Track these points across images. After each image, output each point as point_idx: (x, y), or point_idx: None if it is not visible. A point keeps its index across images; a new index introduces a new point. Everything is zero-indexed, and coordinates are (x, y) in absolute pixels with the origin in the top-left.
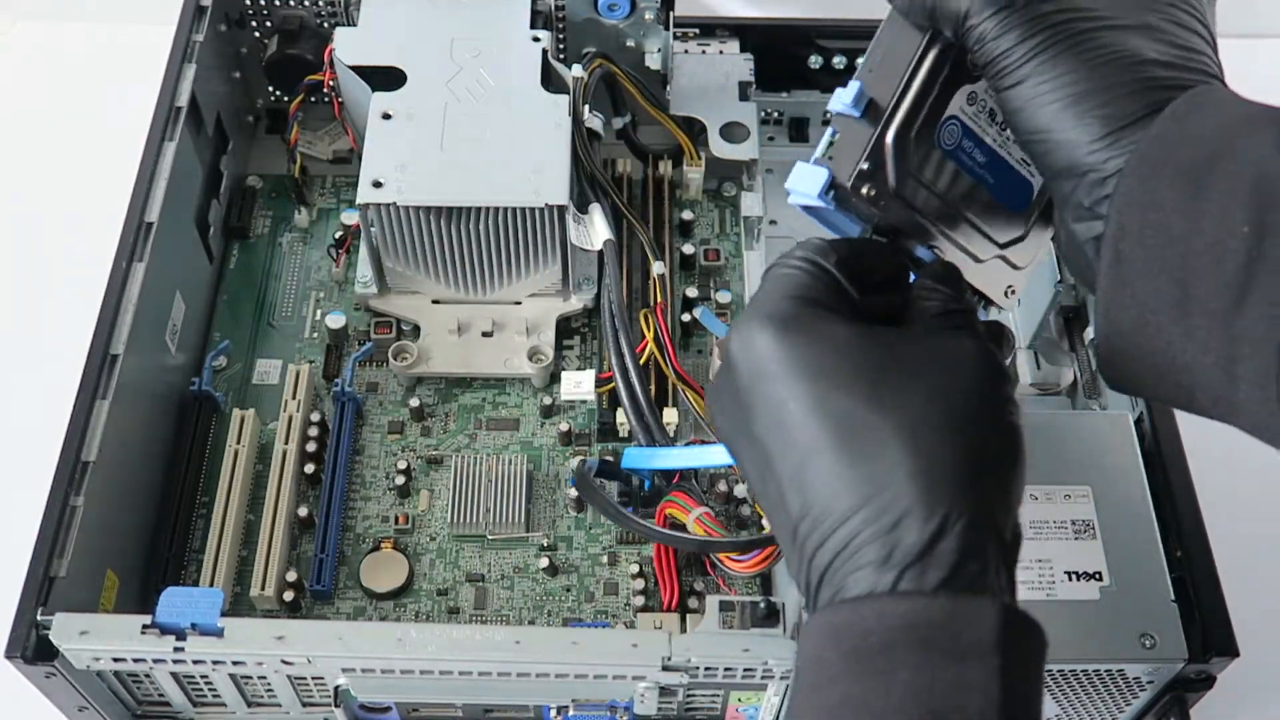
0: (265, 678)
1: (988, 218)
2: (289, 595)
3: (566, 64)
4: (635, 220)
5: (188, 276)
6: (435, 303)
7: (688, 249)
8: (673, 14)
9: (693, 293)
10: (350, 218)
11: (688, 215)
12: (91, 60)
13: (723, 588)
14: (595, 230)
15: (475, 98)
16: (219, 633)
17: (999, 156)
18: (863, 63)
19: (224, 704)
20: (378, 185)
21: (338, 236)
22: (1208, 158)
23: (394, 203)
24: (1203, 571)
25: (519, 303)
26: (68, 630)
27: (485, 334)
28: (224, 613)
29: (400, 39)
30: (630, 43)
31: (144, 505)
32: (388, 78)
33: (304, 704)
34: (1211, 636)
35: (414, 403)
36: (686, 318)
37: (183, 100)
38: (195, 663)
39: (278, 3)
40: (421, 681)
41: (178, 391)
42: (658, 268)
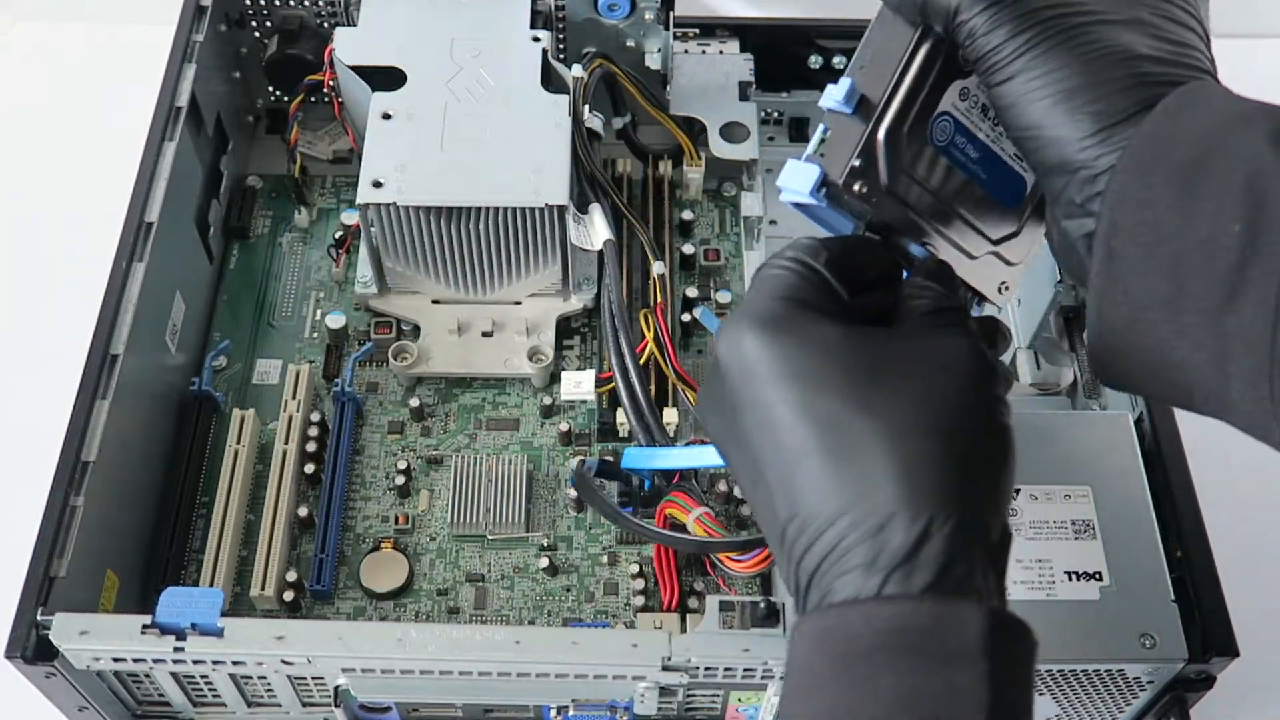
0: (265, 678)
1: (981, 214)
2: (289, 595)
3: (566, 64)
4: (635, 220)
5: (188, 276)
6: (435, 303)
7: (688, 249)
8: (673, 14)
9: (693, 293)
10: (350, 218)
11: (688, 215)
12: (91, 60)
13: (723, 588)
14: (595, 230)
15: (475, 98)
16: (219, 633)
17: (992, 152)
18: (854, 59)
19: (224, 704)
20: (378, 185)
21: (338, 236)
22: (1200, 155)
23: (394, 203)
24: (1203, 571)
25: (519, 303)
26: (68, 630)
27: (485, 334)
28: (224, 613)
29: (400, 39)
30: (630, 43)
31: (144, 505)
32: (388, 78)
33: (304, 704)
34: (1211, 636)
35: (414, 403)
36: (686, 318)
37: (183, 100)
38: (195, 663)
39: (278, 3)
40: (421, 681)
41: (178, 391)
42: (658, 268)
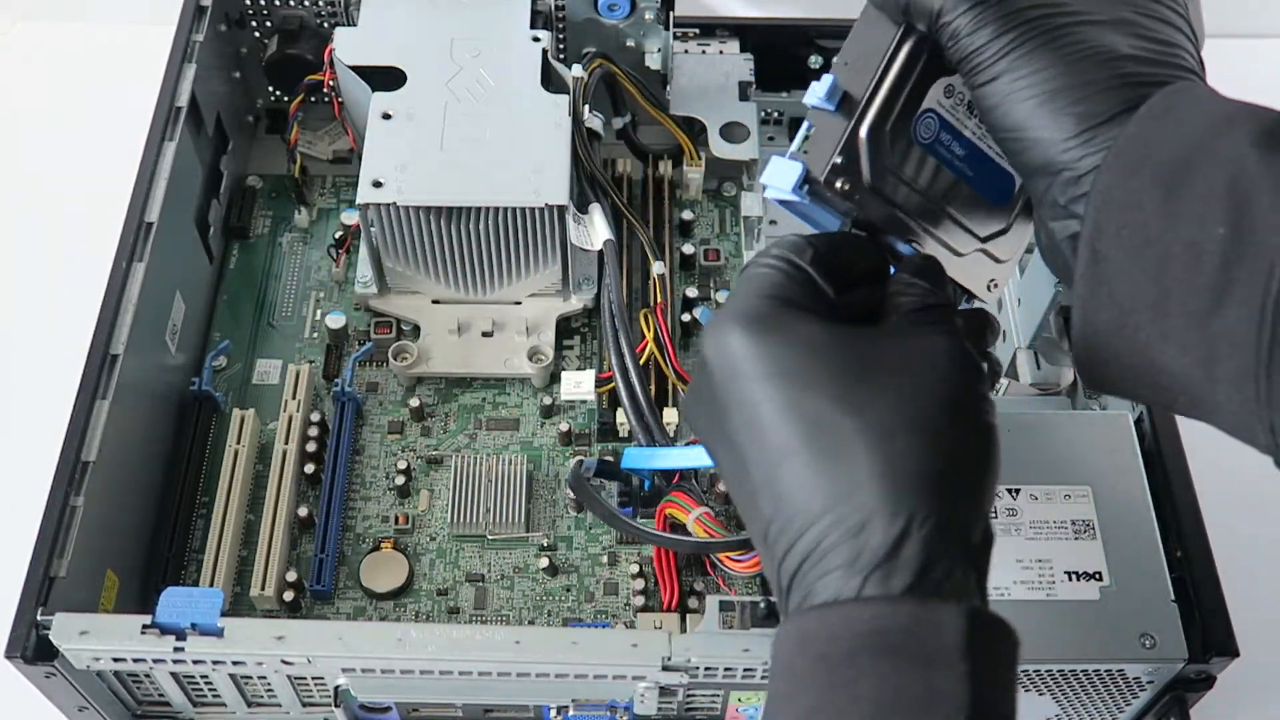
0: (265, 678)
1: (969, 211)
2: (289, 595)
3: (566, 64)
4: (635, 220)
5: (188, 276)
6: (435, 303)
7: (688, 249)
8: (673, 14)
9: (693, 293)
10: (350, 218)
11: (688, 215)
12: (91, 60)
13: (723, 588)
14: (595, 230)
15: (475, 98)
16: (219, 633)
17: (978, 149)
18: (838, 56)
19: (224, 704)
20: (378, 185)
21: (338, 236)
22: (1184, 157)
23: (394, 203)
24: (1203, 571)
25: (519, 303)
26: (68, 630)
27: (485, 334)
28: (224, 613)
29: (400, 39)
30: (630, 43)
31: (144, 505)
32: (388, 78)
33: (304, 704)
34: (1211, 636)
35: (414, 403)
36: (686, 318)
37: (183, 100)
38: (195, 663)
39: (278, 3)
40: (421, 681)
41: (178, 391)
42: (658, 268)
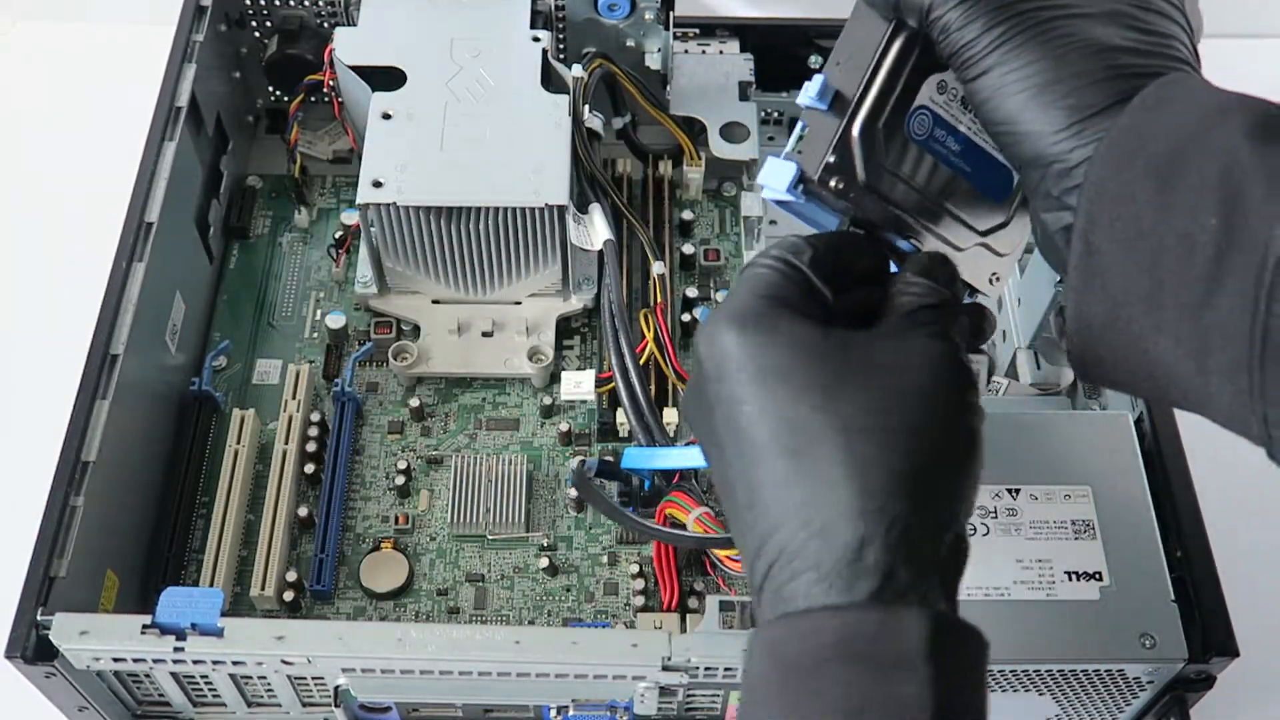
0: (265, 678)
1: (967, 206)
2: (289, 595)
3: (566, 64)
4: (635, 220)
5: (188, 276)
6: (435, 303)
7: (688, 249)
8: (673, 14)
9: (693, 293)
10: (350, 218)
11: (688, 215)
12: (91, 60)
13: (723, 588)
14: (595, 230)
15: (475, 98)
16: (219, 633)
17: (974, 144)
18: (830, 56)
19: (224, 704)
20: (378, 185)
21: (338, 236)
22: (1177, 149)
23: (394, 203)
24: (1203, 571)
25: (519, 303)
26: (68, 630)
27: (485, 334)
28: (224, 613)
29: (400, 39)
30: (630, 43)
31: (144, 505)
32: (388, 78)
33: (304, 704)
34: (1211, 636)
35: (414, 403)
36: (686, 318)
37: (183, 100)
38: (195, 663)
39: (278, 3)
40: (421, 681)
41: (178, 391)
42: (658, 268)
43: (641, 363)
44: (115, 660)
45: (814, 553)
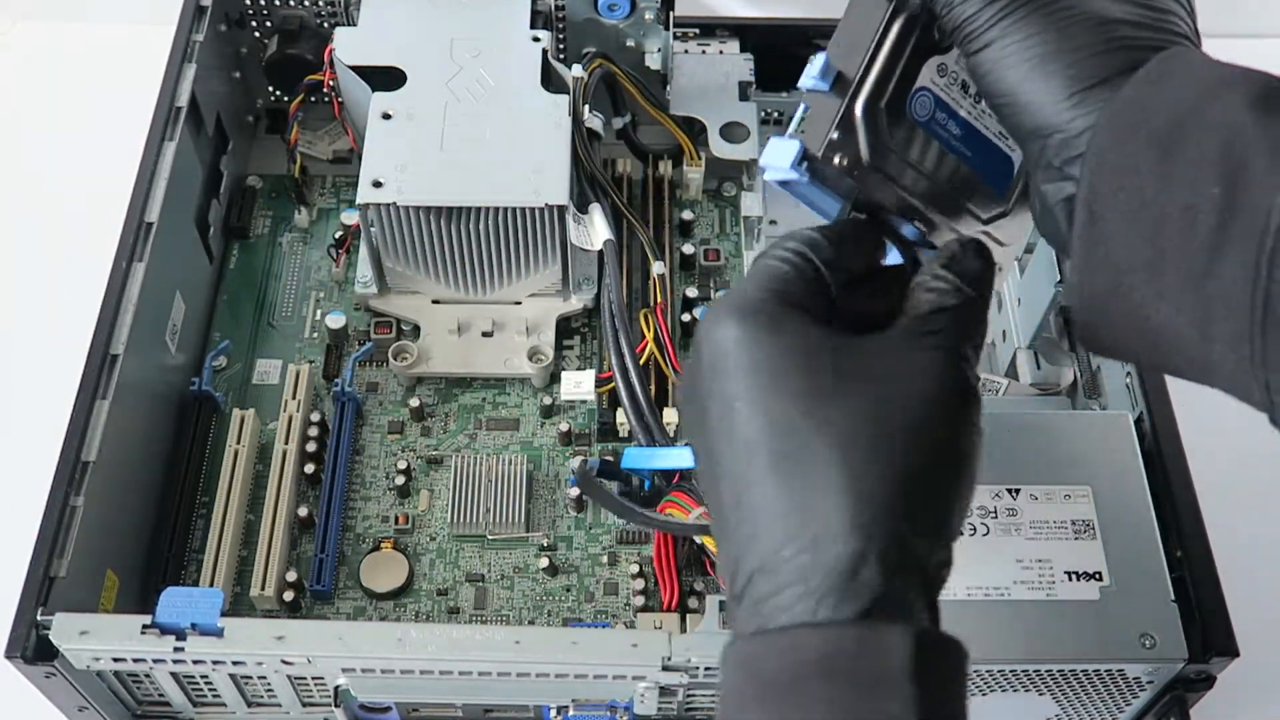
0: (265, 678)
1: (969, 193)
2: (289, 595)
3: (566, 64)
4: (635, 220)
5: (188, 276)
6: (435, 303)
7: (688, 249)
8: (673, 14)
9: (693, 293)
10: (350, 218)
11: (688, 215)
12: (91, 60)
13: (723, 587)
14: (595, 230)
15: (475, 98)
16: (219, 633)
17: (975, 130)
18: (832, 39)
19: (224, 704)
20: (378, 185)
21: (338, 236)
22: (1179, 120)
23: (394, 203)
24: (1203, 571)
25: (519, 303)
26: (68, 630)
27: (485, 334)
28: (224, 613)
29: (400, 39)
30: (630, 43)
31: (144, 505)
32: (388, 78)
33: (304, 704)
34: (1211, 636)
35: (414, 403)
36: (686, 318)
37: (183, 100)
38: (195, 663)
39: (278, 3)
40: (421, 681)
41: (178, 391)
42: (658, 268)
43: (641, 363)
44: (115, 660)
45: (801, 567)
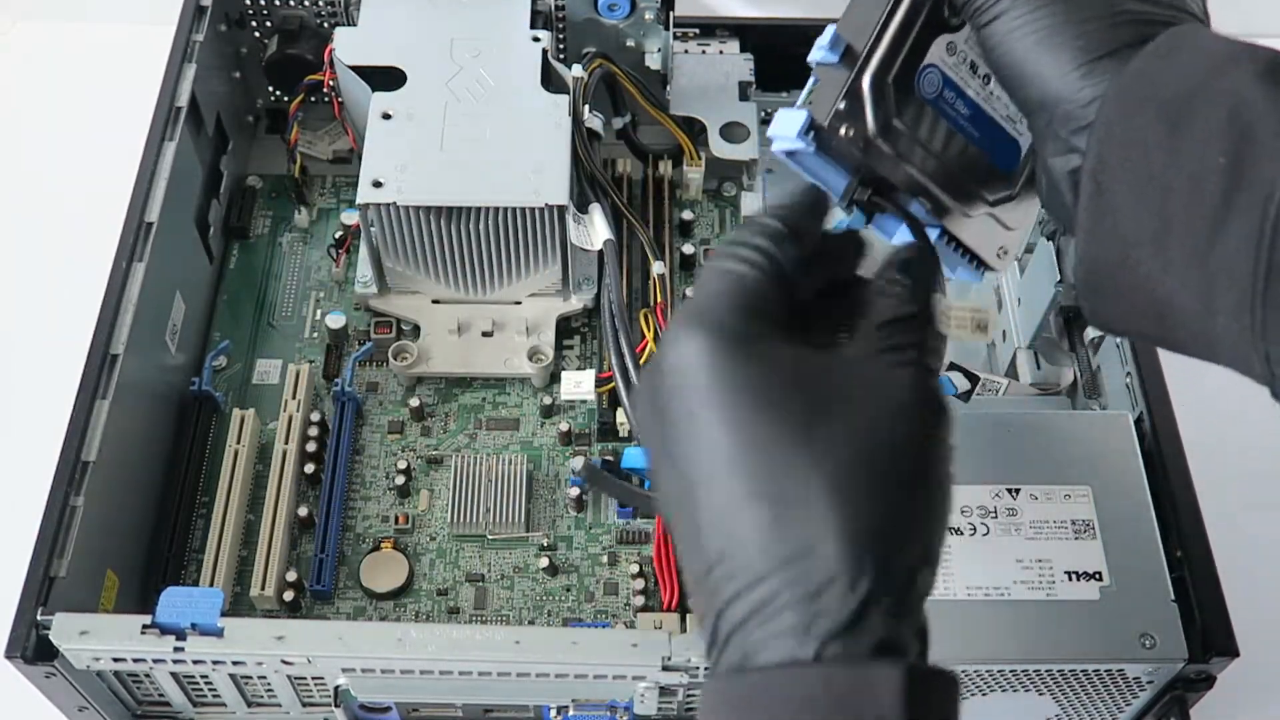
0: (265, 678)
1: (977, 174)
2: (289, 595)
3: (566, 64)
4: (635, 220)
5: (188, 276)
6: (435, 303)
7: (688, 249)
8: (673, 14)
9: (692, 293)
10: (350, 218)
11: (688, 215)
12: (91, 60)
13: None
14: (595, 230)
15: (475, 98)
16: (219, 633)
17: (983, 111)
18: (843, 15)
19: (224, 704)
20: (378, 185)
21: (338, 236)
22: (1188, 93)
23: (394, 203)
24: (1203, 571)
25: (519, 303)
26: (68, 630)
27: (485, 334)
28: (224, 613)
29: (400, 39)
30: (630, 43)
31: (144, 505)
32: (388, 78)
33: (304, 704)
34: (1211, 636)
35: (414, 403)
36: None
37: (183, 100)
38: (195, 663)
39: (278, 3)
40: (421, 681)
41: (178, 391)
42: (658, 268)
43: (641, 363)
44: (115, 660)
45: (802, 613)
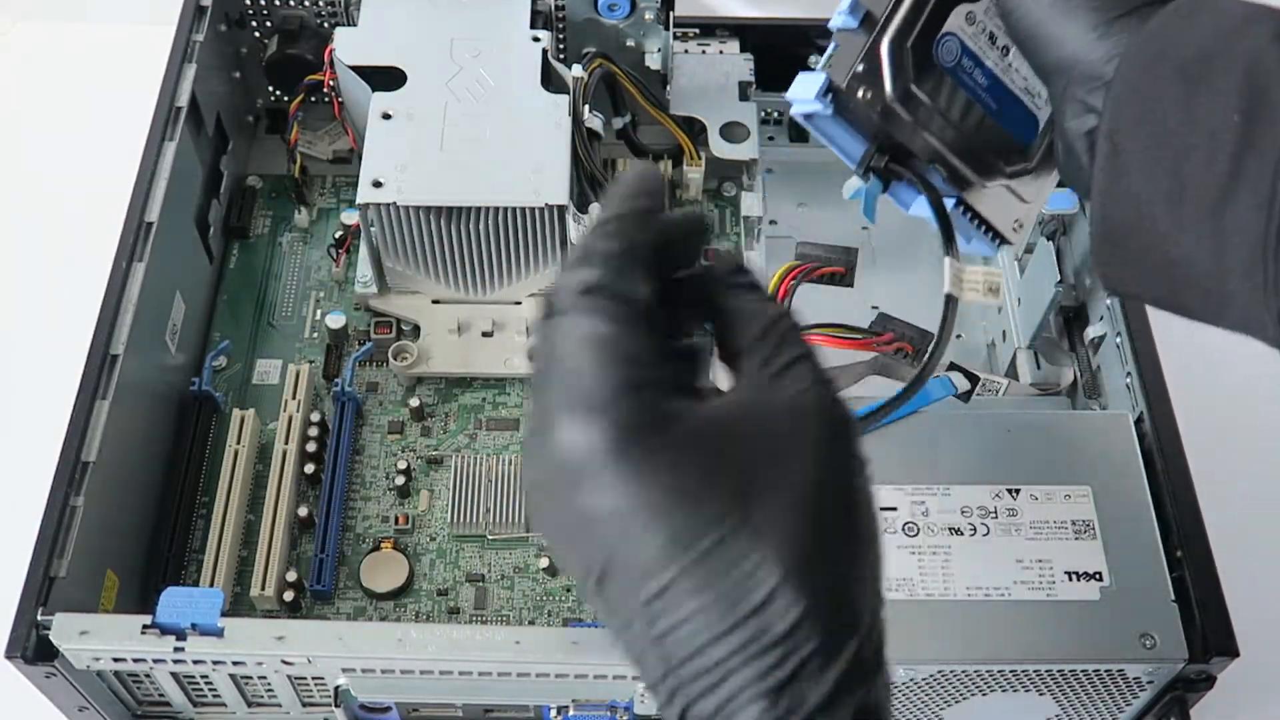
0: (265, 678)
1: (994, 145)
2: (289, 595)
3: (566, 64)
4: None
5: (188, 276)
6: (435, 303)
7: None
8: (673, 14)
9: None
10: (350, 218)
11: None
12: (91, 60)
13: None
14: None
15: (475, 98)
16: (219, 633)
17: (1001, 82)
18: None
19: (224, 704)
20: (378, 185)
21: (338, 236)
22: (1206, 53)
23: (394, 203)
24: (1203, 571)
25: (519, 303)
26: (68, 630)
27: (485, 334)
28: (224, 613)
29: (400, 39)
30: (630, 43)
31: (144, 505)
32: (388, 78)
33: (304, 704)
34: (1211, 636)
35: (414, 403)
36: None
37: (183, 100)
38: (195, 663)
39: (278, 3)
40: (421, 681)
41: (178, 391)
42: None
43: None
44: (115, 660)
45: (753, 694)
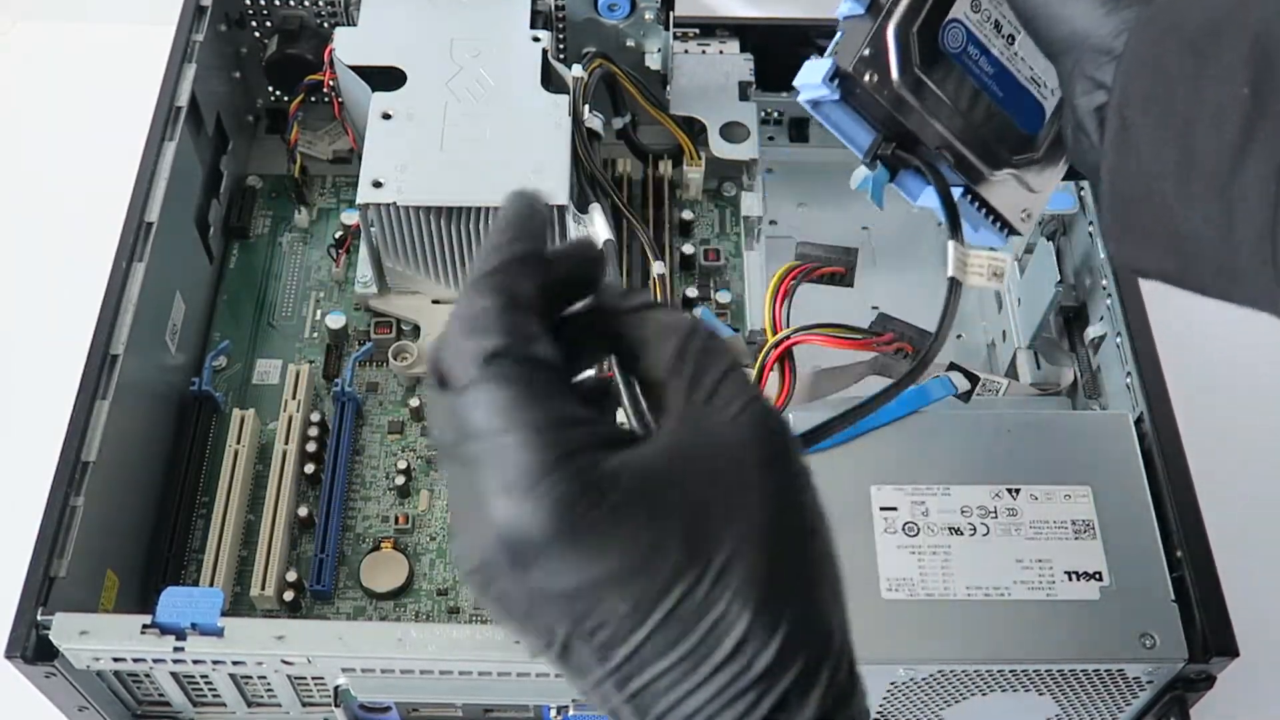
0: (265, 678)
1: (1000, 133)
2: (289, 595)
3: (566, 64)
4: (635, 220)
5: (188, 276)
6: (435, 303)
7: (688, 249)
8: (673, 14)
9: (693, 293)
10: (350, 218)
11: (688, 215)
12: (91, 60)
13: None
14: (595, 230)
15: (475, 98)
16: (219, 633)
17: (1007, 71)
18: None
19: (224, 704)
20: (378, 185)
21: (338, 236)
22: (1215, 26)
23: (394, 203)
24: (1203, 571)
25: None
26: (68, 630)
27: None
28: (224, 613)
29: (400, 39)
30: (630, 43)
31: (144, 505)
32: (388, 78)
33: (304, 704)
34: (1211, 636)
35: (414, 403)
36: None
37: (183, 100)
38: (195, 663)
39: (278, 3)
40: (421, 681)
41: (178, 391)
42: (658, 268)
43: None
44: (115, 660)
45: None
